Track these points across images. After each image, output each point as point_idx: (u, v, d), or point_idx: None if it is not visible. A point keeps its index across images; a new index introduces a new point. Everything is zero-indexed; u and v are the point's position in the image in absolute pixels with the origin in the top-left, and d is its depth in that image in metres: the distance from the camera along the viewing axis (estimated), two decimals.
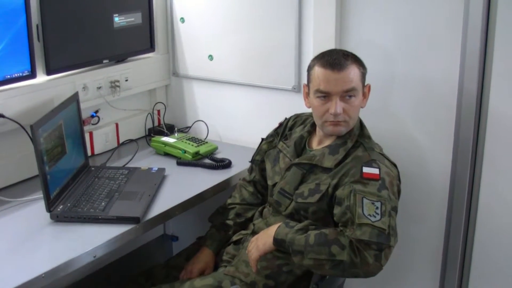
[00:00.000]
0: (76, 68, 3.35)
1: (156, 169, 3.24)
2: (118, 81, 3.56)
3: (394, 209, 2.51)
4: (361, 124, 2.76)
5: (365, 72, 2.69)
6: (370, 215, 2.40)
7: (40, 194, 2.81)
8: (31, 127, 2.61)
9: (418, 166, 3.19)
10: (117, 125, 3.69)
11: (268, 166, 2.94)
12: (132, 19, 3.60)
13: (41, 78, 3.17)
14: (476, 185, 3.08)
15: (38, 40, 3.11)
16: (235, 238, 2.93)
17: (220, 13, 3.61)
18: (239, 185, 3.13)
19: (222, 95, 3.78)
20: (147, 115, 3.87)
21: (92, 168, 3.22)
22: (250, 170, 3.11)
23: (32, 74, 3.08)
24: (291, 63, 3.40)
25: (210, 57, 3.73)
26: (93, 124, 3.54)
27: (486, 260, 3.15)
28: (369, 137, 2.74)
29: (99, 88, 3.46)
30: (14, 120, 2.96)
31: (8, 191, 3.04)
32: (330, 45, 3.16)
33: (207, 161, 3.43)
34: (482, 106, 2.97)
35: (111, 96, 3.56)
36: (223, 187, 3.21)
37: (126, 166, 3.34)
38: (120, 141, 3.70)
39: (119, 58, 3.63)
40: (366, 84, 2.72)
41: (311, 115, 2.81)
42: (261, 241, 2.60)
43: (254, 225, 2.88)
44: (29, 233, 2.63)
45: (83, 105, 3.29)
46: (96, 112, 3.54)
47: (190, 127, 3.93)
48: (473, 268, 3.19)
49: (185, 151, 3.42)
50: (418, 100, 3.13)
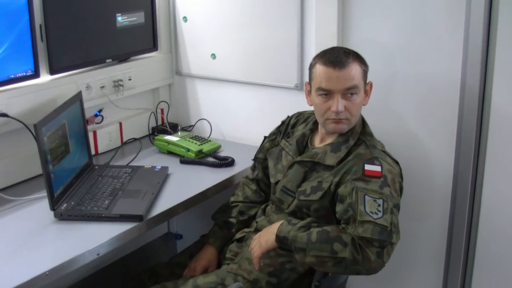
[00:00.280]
0: (79, 67, 3.36)
1: (160, 167, 3.25)
2: (122, 81, 3.57)
3: (396, 206, 2.51)
4: (363, 122, 2.77)
5: (366, 69, 2.69)
6: (372, 212, 2.41)
7: (44, 193, 2.83)
8: (35, 126, 2.62)
9: (421, 163, 3.19)
10: (120, 124, 3.70)
11: (271, 164, 2.94)
12: (135, 18, 3.61)
13: (44, 77, 3.19)
14: (478, 183, 3.08)
15: (42, 40, 3.12)
16: (238, 236, 2.94)
17: (222, 12, 3.62)
18: (242, 183, 3.14)
19: (225, 93, 3.79)
20: (151, 114, 3.88)
21: (96, 167, 3.23)
22: (253, 168, 3.12)
23: (36, 74, 3.10)
24: (294, 61, 3.40)
25: (213, 56, 3.74)
26: (96, 123, 3.55)
27: (489, 258, 3.14)
28: (371, 134, 2.74)
29: (102, 87, 3.47)
30: (18, 119, 2.98)
31: (12, 190, 3.05)
32: (332, 43, 3.16)
33: (210, 159, 3.43)
34: (484, 103, 2.96)
35: (114, 95, 3.57)
36: (226, 185, 3.22)
37: (130, 164, 3.36)
38: (124, 140, 3.71)
39: (122, 58, 3.64)
40: (368, 81, 2.72)
41: (313, 113, 2.81)
42: (264, 239, 2.61)
43: (257, 223, 2.89)
44: (33, 232, 2.64)
45: (87, 104, 3.30)
46: (100, 111, 3.55)
47: (193, 125, 3.93)
48: (476, 265, 3.19)
49: (188, 150, 3.43)
50: (420, 98, 3.13)
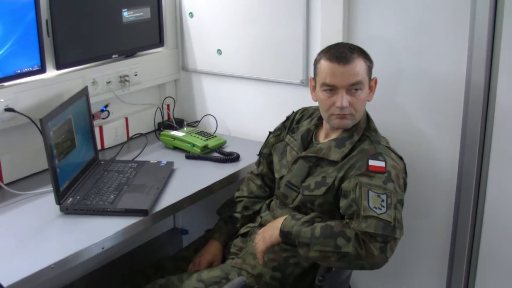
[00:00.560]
0: (86, 63, 3.38)
1: (165, 162, 3.26)
2: (128, 76, 3.58)
3: (400, 202, 2.52)
4: (367, 118, 2.77)
5: (371, 65, 2.70)
6: (376, 208, 2.41)
7: (49, 187, 2.84)
8: (41, 121, 2.64)
9: (426, 159, 3.20)
10: (126, 119, 3.71)
11: (276, 159, 2.95)
12: (141, 13, 3.62)
13: (51, 73, 3.20)
14: (483, 179, 3.08)
15: (48, 35, 3.13)
16: (242, 230, 2.95)
17: (228, 7, 3.62)
18: (247, 178, 3.15)
19: (230, 89, 3.79)
20: (157, 110, 3.89)
21: (102, 162, 3.24)
22: (258, 163, 3.13)
23: (42, 69, 3.11)
24: (299, 57, 3.40)
25: (219, 52, 3.74)
26: (103, 118, 3.57)
27: (494, 253, 3.14)
28: (375, 130, 2.75)
29: (108, 82, 3.48)
30: (24, 114, 2.99)
31: (19, 184, 3.07)
32: (337, 39, 3.16)
33: (216, 154, 3.44)
34: (489, 99, 2.96)
35: (120, 90, 3.58)
36: (231, 181, 3.23)
37: (135, 159, 3.37)
38: (130, 135, 3.72)
39: (128, 53, 3.65)
40: (372, 77, 2.73)
41: (318, 108, 2.82)
42: (268, 233, 2.62)
43: (261, 217, 2.90)
44: (39, 225, 2.66)
45: (93, 100, 3.32)
46: (106, 106, 3.56)
47: (199, 121, 3.94)
48: (481, 262, 3.19)
49: (194, 145, 3.44)
50: (425, 94, 3.13)
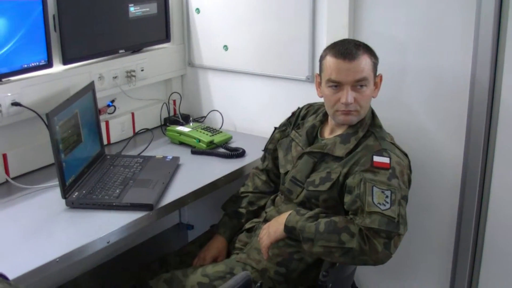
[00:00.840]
0: (92, 58, 3.39)
1: (171, 157, 3.27)
2: (134, 71, 3.59)
3: (404, 198, 2.53)
4: (372, 114, 2.78)
5: (376, 62, 2.70)
6: (380, 204, 2.42)
7: (55, 182, 2.85)
8: (47, 115, 2.65)
9: (430, 156, 3.20)
10: (133, 114, 3.72)
11: (281, 154, 2.96)
12: (148, 9, 3.63)
13: (57, 67, 3.21)
14: (487, 176, 3.08)
15: (55, 30, 3.14)
16: (247, 226, 2.96)
17: (235, 4, 3.63)
18: (252, 173, 3.16)
19: (237, 85, 3.80)
20: (163, 105, 3.90)
21: (108, 157, 3.25)
22: (263, 158, 3.13)
23: (49, 64, 3.12)
24: (305, 53, 3.41)
25: (225, 48, 3.75)
26: (109, 113, 3.58)
27: (498, 251, 3.15)
28: (380, 126, 2.75)
29: (115, 77, 3.49)
30: (30, 108, 3.00)
31: (25, 178, 3.08)
32: (343, 35, 3.17)
33: (221, 150, 3.46)
34: (494, 97, 2.96)
35: (127, 85, 3.59)
36: (236, 176, 3.24)
37: (141, 154, 3.37)
38: (136, 130, 3.73)
39: (135, 48, 3.66)
40: (378, 74, 2.73)
41: (323, 104, 2.82)
42: (272, 229, 2.63)
43: (266, 213, 2.91)
44: (45, 219, 2.67)
45: (99, 95, 3.33)
46: (112, 101, 3.57)
47: (205, 116, 3.94)
48: (484, 258, 3.19)
49: (200, 140, 3.45)
50: (430, 91, 3.13)
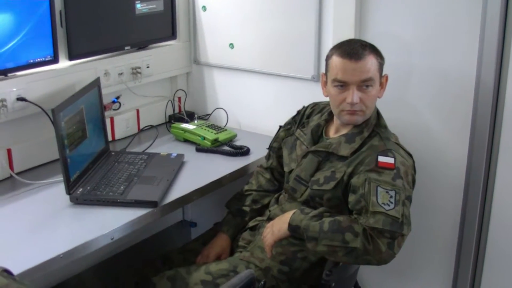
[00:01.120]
0: (98, 54, 3.39)
1: (175, 155, 3.26)
2: (140, 68, 3.59)
3: (408, 198, 2.53)
4: (378, 114, 2.78)
5: (382, 62, 2.70)
6: (384, 204, 2.43)
7: (60, 177, 2.86)
8: (52, 111, 2.65)
9: (434, 157, 3.19)
10: (138, 111, 3.72)
11: (285, 153, 2.96)
12: (154, 6, 3.63)
13: (63, 63, 3.21)
14: (491, 177, 3.08)
15: (61, 25, 3.14)
16: (251, 224, 2.96)
17: (241, 2, 3.63)
18: (256, 172, 3.16)
19: (242, 83, 3.80)
20: (168, 102, 3.90)
21: (112, 153, 3.26)
22: (268, 157, 3.14)
23: (55, 59, 3.13)
24: (311, 53, 3.41)
25: (231, 46, 3.75)
26: (114, 109, 3.58)
27: (501, 252, 3.14)
28: (385, 126, 2.76)
29: (120, 74, 3.49)
30: (36, 104, 3.00)
31: (30, 173, 3.08)
32: (349, 35, 3.17)
33: (226, 148, 3.45)
34: (499, 98, 2.96)
35: (132, 82, 3.59)
36: (240, 174, 3.24)
37: (146, 151, 3.37)
38: (141, 127, 3.73)
39: (140, 45, 3.66)
40: (383, 74, 2.73)
41: (328, 104, 2.83)
42: (276, 227, 2.63)
43: (270, 211, 2.91)
44: (49, 215, 2.67)
45: (105, 91, 3.33)
46: (118, 98, 3.58)
47: (210, 114, 3.95)
48: (487, 259, 3.19)
49: (204, 138, 3.45)
50: (435, 92, 3.13)
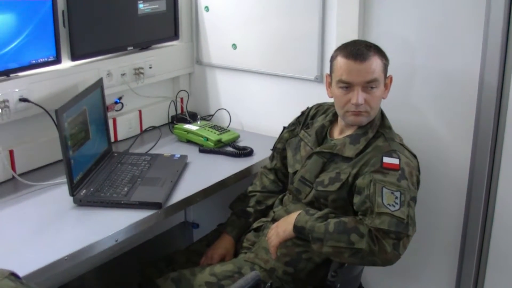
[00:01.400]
0: (101, 54, 3.38)
1: (179, 156, 3.26)
2: (142, 68, 3.58)
3: (413, 199, 2.53)
4: (382, 115, 2.78)
5: (387, 63, 2.70)
6: (390, 205, 2.42)
7: (63, 179, 2.85)
8: (56, 111, 2.64)
9: (438, 158, 3.19)
10: (140, 112, 3.71)
11: (289, 154, 2.96)
12: (157, 6, 3.62)
13: (66, 63, 3.20)
14: (494, 178, 3.08)
15: (64, 26, 3.14)
16: (255, 225, 2.95)
17: (244, 3, 3.62)
18: (260, 172, 3.15)
19: (245, 84, 3.79)
20: (170, 103, 3.89)
21: (115, 154, 3.25)
22: (271, 158, 3.13)
23: (57, 60, 3.12)
24: (314, 53, 3.40)
25: (234, 46, 3.74)
26: (116, 110, 3.57)
27: (504, 253, 3.14)
28: (389, 127, 2.75)
29: (123, 75, 3.48)
30: (38, 104, 2.99)
31: (32, 175, 3.07)
32: (353, 36, 3.16)
33: (229, 149, 3.45)
34: (502, 99, 2.96)
35: (135, 83, 3.58)
36: (244, 175, 3.23)
37: (149, 152, 3.37)
38: (143, 128, 3.72)
39: (143, 46, 3.66)
40: (388, 75, 2.73)
41: (333, 105, 2.82)
42: (281, 228, 2.63)
43: (274, 212, 2.90)
44: (53, 217, 2.66)
45: (107, 92, 3.32)
46: (120, 98, 3.57)
47: (212, 115, 3.94)
48: (490, 260, 3.19)
49: (208, 139, 3.44)
50: (438, 93, 3.13)
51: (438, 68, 3.09)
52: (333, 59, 2.71)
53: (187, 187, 2.96)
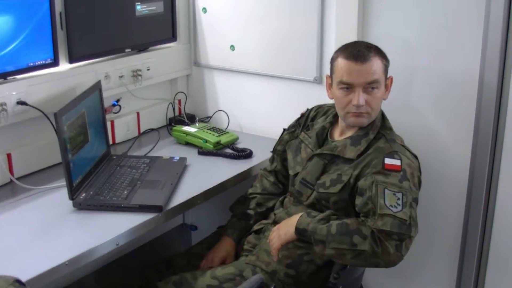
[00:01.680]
0: (99, 56, 3.37)
1: (178, 158, 3.25)
2: (140, 70, 3.57)
3: (415, 200, 2.52)
4: (382, 116, 2.77)
5: (387, 64, 2.70)
6: (392, 206, 2.42)
7: (61, 182, 2.84)
8: (55, 114, 2.62)
9: (438, 158, 3.20)
10: (138, 114, 3.70)
11: (290, 156, 2.95)
12: (154, 7, 3.61)
13: (63, 66, 3.19)
14: (494, 178, 3.09)
15: (61, 28, 3.12)
16: (256, 227, 2.94)
17: (242, 3, 3.61)
18: (260, 175, 3.15)
19: (243, 85, 3.78)
20: (168, 105, 3.88)
21: (114, 157, 3.23)
22: (272, 160, 3.12)
23: (55, 62, 3.10)
24: (313, 54, 3.39)
25: (232, 48, 3.73)
26: (114, 112, 3.55)
27: (504, 254, 3.16)
28: (390, 128, 2.75)
29: (121, 77, 3.47)
30: (36, 107, 2.98)
31: (30, 178, 3.05)
32: (352, 37, 3.16)
33: (228, 151, 3.44)
34: (502, 99, 2.97)
35: (132, 85, 3.57)
36: (244, 177, 3.22)
37: (148, 155, 3.35)
38: (141, 130, 3.71)
39: (141, 47, 3.64)
40: (388, 76, 2.72)
41: (333, 106, 2.82)
42: (283, 231, 2.62)
43: (275, 214, 2.90)
44: (52, 221, 2.64)
45: (105, 94, 3.30)
46: (118, 101, 3.55)
47: (210, 117, 3.92)
48: (490, 261, 3.20)
49: (207, 141, 3.43)
50: (438, 93, 3.13)
51: (438, 69, 3.10)
52: (333, 60, 2.70)
53: (187, 189, 2.95)
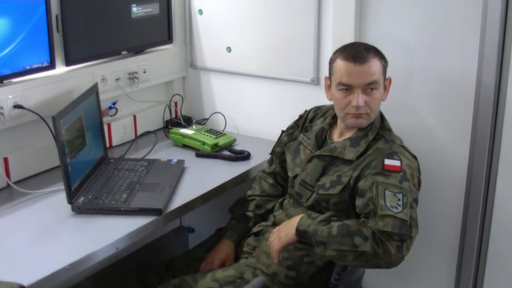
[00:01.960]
0: (95, 59, 3.36)
1: (176, 161, 3.24)
2: (137, 73, 3.56)
3: (415, 200, 2.52)
4: (381, 117, 2.77)
5: (386, 65, 2.70)
6: (392, 207, 2.42)
7: (59, 186, 2.83)
8: (53, 118, 2.61)
9: (436, 158, 3.20)
10: (135, 116, 3.69)
11: (289, 158, 2.94)
12: (150, 9, 3.60)
13: (60, 69, 3.18)
14: (492, 178, 3.10)
15: (58, 31, 3.11)
16: (255, 229, 2.94)
17: (238, 5, 3.61)
18: (258, 176, 3.14)
19: (239, 87, 3.78)
20: (165, 107, 3.87)
21: (111, 160, 3.22)
22: (270, 162, 3.12)
23: (51, 65, 3.09)
24: (310, 55, 3.39)
25: (228, 49, 3.73)
26: (111, 115, 3.54)
27: (502, 253, 3.16)
28: (389, 129, 2.75)
29: (117, 79, 3.46)
30: (33, 111, 2.96)
31: (27, 182, 3.04)
32: (349, 38, 3.16)
33: (226, 153, 3.43)
34: (499, 99, 2.97)
35: (129, 87, 3.56)
36: (242, 179, 3.22)
37: (146, 158, 3.35)
38: (138, 133, 3.70)
39: (137, 50, 3.64)
40: (387, 77, 2.72)
41: (331, 107, 2.82)
42: (283, 232, 2.61)
43: (274, 216, 2.89)
44: (51, 225, 2.63)
45: (101, 97, 3.28)
46: (114, 103, 3.54)
47: (207, 119, 3.92)
48: (489, 261, 3.21)
49: (204, 143, 3.43)
50: (436, 94, 3.13)
51: (436, 69, 3.10)
52: (332, 61, 2.70)
53: (186, 192, 2.94)
